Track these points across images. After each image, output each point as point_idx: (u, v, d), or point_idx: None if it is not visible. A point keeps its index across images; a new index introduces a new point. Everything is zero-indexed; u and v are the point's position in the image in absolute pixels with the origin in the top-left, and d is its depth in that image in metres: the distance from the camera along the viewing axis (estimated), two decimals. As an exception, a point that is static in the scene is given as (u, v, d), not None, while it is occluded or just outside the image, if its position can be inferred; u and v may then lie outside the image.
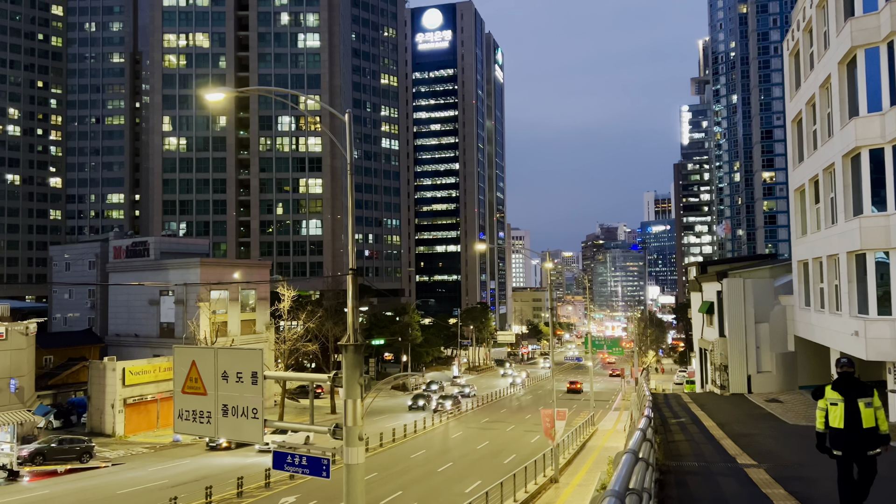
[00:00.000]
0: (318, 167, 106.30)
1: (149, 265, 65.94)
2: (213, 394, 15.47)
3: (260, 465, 36.21)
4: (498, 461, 41.83)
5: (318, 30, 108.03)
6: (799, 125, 28.44)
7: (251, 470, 35.89)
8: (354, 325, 13.70)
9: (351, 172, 14.26)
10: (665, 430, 17.83)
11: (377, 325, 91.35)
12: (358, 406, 13.49)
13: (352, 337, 13.59)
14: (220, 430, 15.43)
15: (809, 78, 25.53)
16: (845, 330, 21.96)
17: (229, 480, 33.27)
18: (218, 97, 15.44)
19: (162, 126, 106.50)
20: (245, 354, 15.13)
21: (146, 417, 52.83)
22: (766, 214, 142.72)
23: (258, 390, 14.85)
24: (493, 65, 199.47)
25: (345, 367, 13.57)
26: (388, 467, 40.45)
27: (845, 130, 21.21)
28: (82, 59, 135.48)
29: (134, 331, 66.42)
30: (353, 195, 14.05)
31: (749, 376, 31.77)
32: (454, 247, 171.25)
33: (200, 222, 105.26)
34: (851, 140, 20.50)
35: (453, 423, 59.50)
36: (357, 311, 13.88)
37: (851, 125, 20.55)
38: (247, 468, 36.49)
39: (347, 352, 13.50)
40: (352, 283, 13.83)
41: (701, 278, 39.91)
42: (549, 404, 72.62)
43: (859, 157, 20.63)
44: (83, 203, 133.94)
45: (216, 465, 40.03)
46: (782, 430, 18.76)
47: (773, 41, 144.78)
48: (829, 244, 23.55)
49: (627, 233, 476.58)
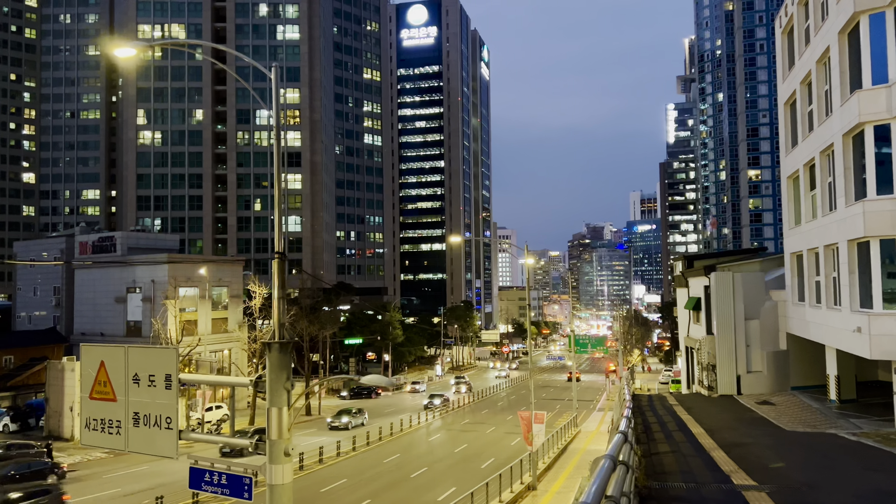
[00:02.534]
0: (297, 162, 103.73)
1: (115, 261, 63.31)
2: (124, 399, 13.25)
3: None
4: (475, 465, 39.83)
5: (297, 21, 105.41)
6: (792, 107, 26.56)
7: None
8: (281, 318, 11.57)
9: (277, 140, 12.04)
10: (648, 439, 15.78)
11: (357, 324, 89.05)
12: (284, 416, 11.34)
13: (277, 333, 11.46)
14: (130, 442, 13.19)
15: (805, 54, 23.62)
16: (845, 326, 20.06)
17: (188, 489, 30.94)
18: (129, 53, 13.25)
19: (136, 119, 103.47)
20: (158, 354, 12.91)
21: (108, 420, 50.21)
22: (752, 212, 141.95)
23: (172, 396, 12.67)
24: (479, 62, 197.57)
25: (268, 369, 11.41)
26: (359, 472, 38.39)
27: (846, 106, 19.30)
28: (56, 51, 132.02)
29: (100, 329, 63.73)
30: (280, 163, 11.84)
31: (738, 376, 29.88)
32: (439, 245, 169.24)
33: (176, 218, 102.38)
34: (854, 116, 18.58)
35: (435, 424, 57.40)
36: (284, 301, 11.76)
37: (854, 100, 18.63)
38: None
39: (271, 351, 11.36)
40: (278, 269, 11.72)
41: (687, 273, 37.98)
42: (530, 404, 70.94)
43: (862, 135, 18.72)
44: (57, 199, 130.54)
45: (175, 472, 37.60)
46: (780, 439, 16.76)
47: (759, 38, 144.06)
48: (827, 233, 21.64)
49: (614, 232, 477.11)
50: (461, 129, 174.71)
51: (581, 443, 47.65)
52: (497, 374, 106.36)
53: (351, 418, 53.49)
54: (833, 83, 20.57)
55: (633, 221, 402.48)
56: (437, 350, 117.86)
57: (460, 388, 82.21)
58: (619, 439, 8.70)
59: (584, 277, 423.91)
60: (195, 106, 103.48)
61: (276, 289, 11.70)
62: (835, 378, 24.55)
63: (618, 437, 8.96)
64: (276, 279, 11.68)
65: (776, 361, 29.56)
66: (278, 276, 11.69)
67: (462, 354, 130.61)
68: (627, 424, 12.17)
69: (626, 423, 12.28)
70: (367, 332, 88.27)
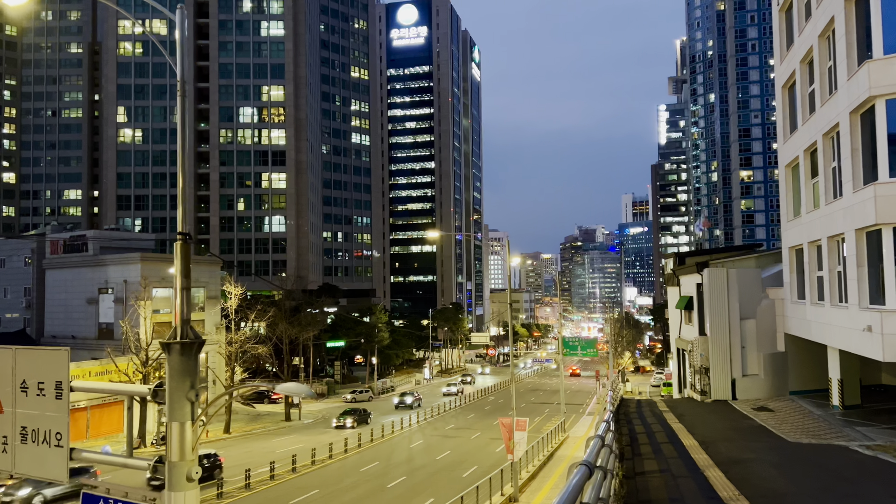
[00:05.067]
0: (281, 161, 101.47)
1: (87, 261, 60.91)
2: (11, 411, 11.10)
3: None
4: (457, 474, 37.77)
5: (282, 17, 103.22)
6: (791, 90, 24.69)
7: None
8: (184, 314, 9.50)
9: (181, 97, 9.80)
10: (633, 454, 13.73)
11: (342, 326, 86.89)
12: (187, 433, 9.19)
13: (179, 332, 9.37)
14: (17, 462, 10.95)
15: (806, 29, 21.73)
16: (853, 325, 18.13)
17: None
18: (19, 2, 11.19)
19: (116, 117, 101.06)
20: (48, 357, 10.71)
21: (74, 427, 47.81)
22: (744, 213, 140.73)
23: (63, 407, 10.49)
24: (470, 63, 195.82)
25: (168, 376, 9.33)
26: (335, 482, 36.28)
27: (854, 80, 17.40)
28: (38, 49, 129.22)
29: (71, 332, 61.28)
30: (188, 128, 9.72)
31: (733, 380, 27.95)
32: (430, 247, 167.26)
33: (157, 218, 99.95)
34: (863, 90, 16.68)
35: (416, 429, 55.31)
36: (188, 293, 9.72)
37: (863, 72, 16.71)
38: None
39: (171, 353, 9.26)
40: (181, 253, 9.62)
41: (679, 270, 36.01)
42: (521, 409, 68.91)
43: (872, 111, 16.82)
44: (38, 199, 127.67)
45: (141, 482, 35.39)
46: (784, 453, 14.75)
47: (751, 38, 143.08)
48: (832, 223, 19.73)
49: (606, 235, 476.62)
50: (452, 130, 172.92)
51: (568, 449, 45.60)
52: (446, 390, 79.87)
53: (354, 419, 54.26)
54: (838, 57, 18.67)
55: (625, 224, 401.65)
56: (425, 353, 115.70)
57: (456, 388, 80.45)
58: (596, 443, 7.88)
59: (577, 280, 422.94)
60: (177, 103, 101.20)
61: (179, 277, 9.60)
62: (838, 382, 22.66)
63: (595, 442, 8.03)
64: (178, 264, 9.59)
65: (774, 364, 27.65)
66: (181, 262, 9.60)
67: (451, 357, 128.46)
68: (607, 428, 10.50)
69: (605, 426, 10.61)
70: (353, 334, 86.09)
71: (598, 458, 7.58)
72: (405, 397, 66.50)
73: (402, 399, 66.12)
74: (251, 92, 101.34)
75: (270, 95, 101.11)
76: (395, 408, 64.65)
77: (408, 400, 65.73)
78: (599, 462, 7.43)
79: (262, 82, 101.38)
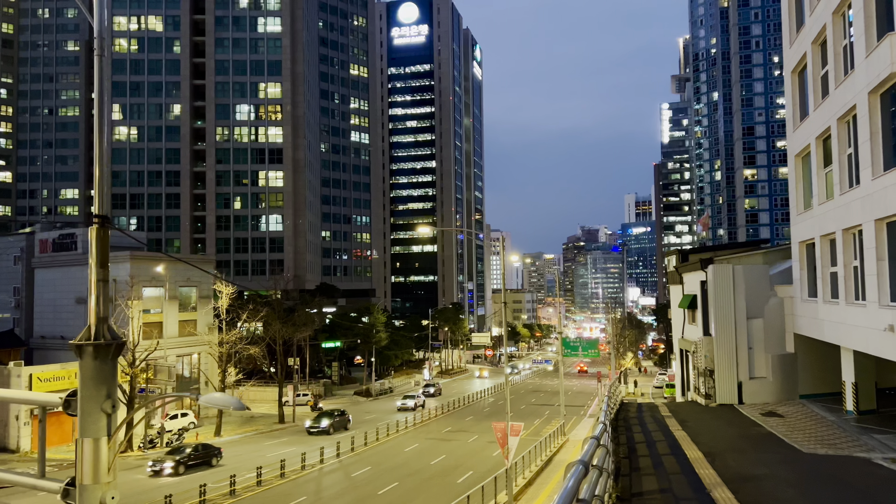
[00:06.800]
0: (278, 159, 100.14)
1: (76, 259, 59.61)
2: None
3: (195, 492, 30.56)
4: (451, 480, 36.33)
5: (279, 13, 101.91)
6: (801, 75, 23.22)
7: (183, 498, 30.29)
8: (100, 312, 8.11)
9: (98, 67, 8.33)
10: (631, 468, 12.25)
11: (340, 326, 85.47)
12: (102, 450, 7.76)
13: (94, 331, 7.95)
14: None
15: (818, 7, 20.27)
16: (872, 324, 16.68)
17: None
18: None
19: (111, 114, 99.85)
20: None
21: (58, 430, 46.47)
22: (748, 212, 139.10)
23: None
24: (472, 61, 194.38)
25: (80, 383, 7.95)
26: (323, 489, 34.90)
27: (874, 56, 15.94)
28: (34, 46, 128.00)
29: (61, 332, 59.99)
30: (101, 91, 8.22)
31: (740, 383, 26.45)
32: (431, 247, 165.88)
33: (152, 217, 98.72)
34: (885, 65, 15.24)
35: (412, 432, 53.85)
36: (105, 285, 8.33)
37: (885, 46, 15.26)
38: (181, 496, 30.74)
39: (84, 357, 7.87)
40: (95, 239, 8.21)
41: (682, 268, 34.50)
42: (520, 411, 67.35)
43: (894, 89, 15.35)
44: (35, 198, 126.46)
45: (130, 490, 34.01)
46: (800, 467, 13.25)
47: (755, 35, 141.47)
48: (847, 214, 18.27)
49: (608, 235, 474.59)
50: (453, 129, 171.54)
51: (568, 453, 44.10)
52: (401, 404, 65.34)
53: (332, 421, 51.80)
54: (856, 33, 17.21)
55: (628, 224, 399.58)
56: (425, 353, 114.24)
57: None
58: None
59: (579, 280, 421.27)
60: (173, 101, 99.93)
61: (94, 268, 8.22)
62: (852, 385, 21.18)
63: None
64: (93, 251, 8.21)
65: (783, 366, 26.15)
66: (97, 250, 8.23)
67: (452, 358, 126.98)
68: (594, 446, 9.24)
69: (593, 442, 9.37)
70: (350, 335, 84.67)
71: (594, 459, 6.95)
72: (407, 400, 66.12)
73: (405, 403, 65.77)
74: (248, 89, 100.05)
75: (267, 92, 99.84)
76: (398, 410, 64.56)
77: (409, 403, 65.38)
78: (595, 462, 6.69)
79: (259, 79, 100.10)
